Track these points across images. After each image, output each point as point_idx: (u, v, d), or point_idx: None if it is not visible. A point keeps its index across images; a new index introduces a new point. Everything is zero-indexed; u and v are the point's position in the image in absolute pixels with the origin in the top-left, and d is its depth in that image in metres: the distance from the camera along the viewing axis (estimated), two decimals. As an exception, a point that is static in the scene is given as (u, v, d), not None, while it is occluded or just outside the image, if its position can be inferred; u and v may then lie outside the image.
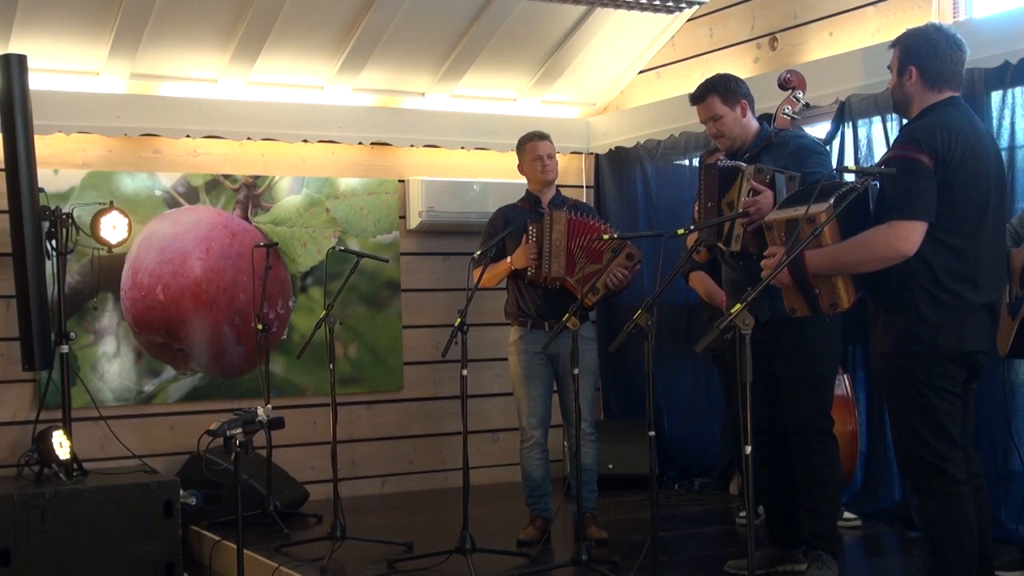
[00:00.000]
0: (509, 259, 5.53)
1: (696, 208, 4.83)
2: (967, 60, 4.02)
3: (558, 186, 5.80)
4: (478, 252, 5.43)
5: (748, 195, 4.50)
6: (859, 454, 5.78)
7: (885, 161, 3.93)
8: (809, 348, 4.60)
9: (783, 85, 5.38)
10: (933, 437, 3.84)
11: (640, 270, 5.51)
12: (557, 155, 5.93)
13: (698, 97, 4.84)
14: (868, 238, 3.86)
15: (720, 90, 4.77)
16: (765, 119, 5.13)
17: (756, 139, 4.78)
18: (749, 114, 4.81)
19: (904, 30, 4.13)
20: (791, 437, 4.67)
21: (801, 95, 5.39)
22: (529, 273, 5.48)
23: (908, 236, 3.78)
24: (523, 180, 5.85)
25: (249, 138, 6.80)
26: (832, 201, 3.83)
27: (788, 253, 3.82)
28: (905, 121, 4.14)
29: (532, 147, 5.69)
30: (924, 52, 3.98)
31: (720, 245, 4.60)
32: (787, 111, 5.32)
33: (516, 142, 5.81)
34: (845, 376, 5.69)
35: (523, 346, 5.56)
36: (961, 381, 3.92)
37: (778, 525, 4.82)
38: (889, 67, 4.08)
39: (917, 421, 3.86)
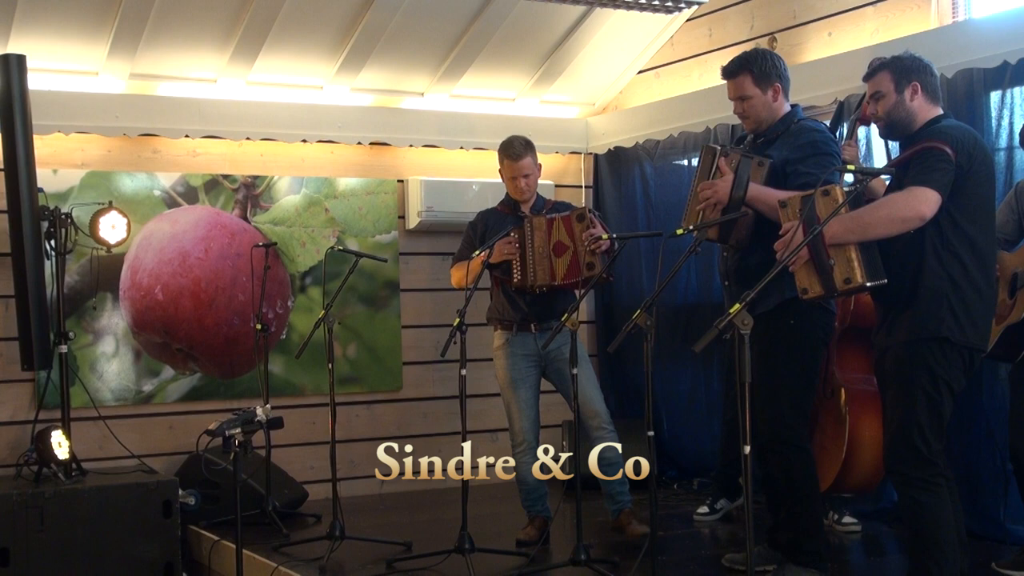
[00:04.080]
0: (481, 253, 5.26)
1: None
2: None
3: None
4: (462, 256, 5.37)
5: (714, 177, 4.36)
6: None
7: (911, 154, 3.96)
8: (776, 350, 4.40)
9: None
10: (931, 432, 3.93)
11: (609, 242, 5.09)
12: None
13: (730, 72, 4.56)
14: (889, 199, 3.95)
15: (754, 69, 4.49)
16: None
17: (779, 123, 4.54)
18: (781, 97, 4.54)
19: (894, 53, 4.18)
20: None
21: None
22: (516, 280, 5.43)
23: (927, 201, 3.84)
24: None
25: (248, 138, 6.80)
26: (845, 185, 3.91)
27: (807, 223, 3.82)
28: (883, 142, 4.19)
29: (509, 166, 5.51)
30: (921, 69, 4.08)
31: (710, 239, 4.48)
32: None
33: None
34: None
35: (510, 350, 5.53)
36: (963, 384, 4.02)
37: (772, 526, 4.79)
38: (875, 96, 4.10)
39: (923, 414, 3.92)
